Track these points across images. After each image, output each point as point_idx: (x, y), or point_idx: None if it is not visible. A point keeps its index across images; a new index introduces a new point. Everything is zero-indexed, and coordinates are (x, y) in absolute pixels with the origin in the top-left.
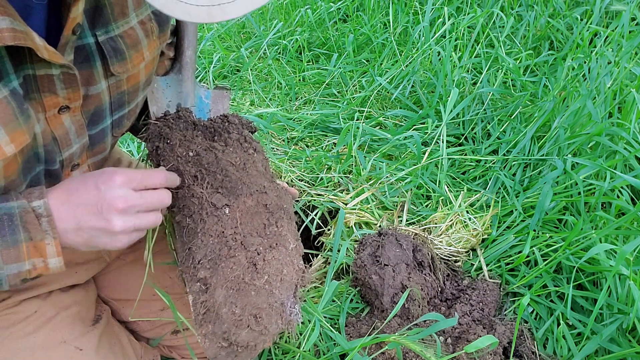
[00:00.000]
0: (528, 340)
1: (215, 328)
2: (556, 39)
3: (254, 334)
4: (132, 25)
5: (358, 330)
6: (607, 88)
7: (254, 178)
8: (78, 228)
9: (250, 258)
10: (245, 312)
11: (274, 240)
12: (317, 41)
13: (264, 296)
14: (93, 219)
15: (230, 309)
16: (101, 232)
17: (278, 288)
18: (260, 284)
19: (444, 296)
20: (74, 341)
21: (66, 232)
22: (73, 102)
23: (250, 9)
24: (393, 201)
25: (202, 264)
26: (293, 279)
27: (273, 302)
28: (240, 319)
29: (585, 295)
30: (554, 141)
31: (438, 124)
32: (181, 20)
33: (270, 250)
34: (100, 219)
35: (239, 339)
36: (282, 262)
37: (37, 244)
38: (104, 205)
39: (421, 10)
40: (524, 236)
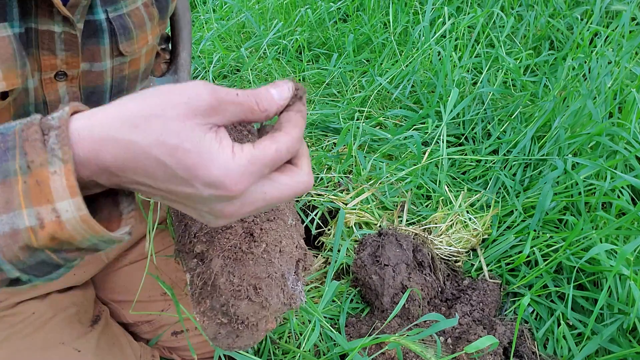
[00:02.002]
0: (528, 341)
1: (214, 302)
2: (556, 38)
3: (254, 306)
4: (138, 5)
5: (358, 331)
6: (607, 88)
7: None
8: (121, 169)
9: (246, 228)
10: (244, 282)
11: (272, 215)
12: (317, 41)
13: (263, 265)
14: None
15: (228, 279)
16: (185, 202)
17: (277, 258)
18: (258, 252)
19: (444, 296)
20: (72, 342)
21: (90, 163)
22: (71, 68)
23: None
24: (393, 201)
25: (199, 237)
26: (293, 252)
27: (273, 272)
28: (238, 289)
29: (585, 295)
30: (555, 141)
31: (438, 124)
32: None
33: (268, 222)
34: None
35: (238, 311)
36: (280, 234)
37: (38, 173)
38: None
39: (421, 10)
40: (524, 236)
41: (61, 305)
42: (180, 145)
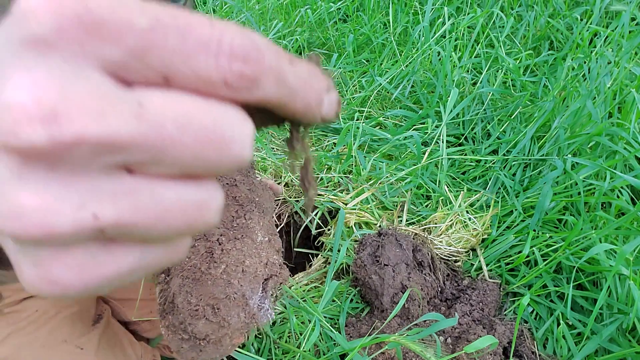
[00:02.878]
0: (528, 340)
1: (174, 319)
2: (556, 39)
3: (212, 325)
4: None
5: (358, 330)
6: (607, 88)
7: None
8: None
9: (208, 248)
10: (201, 302)
11: (240, 232)
12: (317, 41)
13: (221, 286)
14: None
15: (186, 298)
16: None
17: (238, 279)
18: (216, 273)
19: (443, 296)
20: (74, 340)
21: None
22: None
23: None
24: (393, 201)
25: None
26: (259, 271)
27: (232, 292)
28: (195, 309)
29: (585, 295)
30: (554, 141)
31: (438, 124)
32: None
33: (234, 241)
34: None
35: (195, 329)
36: (245, 253)
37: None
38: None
39: (421, 10)
40: (523, 236)
41: (64, 303)
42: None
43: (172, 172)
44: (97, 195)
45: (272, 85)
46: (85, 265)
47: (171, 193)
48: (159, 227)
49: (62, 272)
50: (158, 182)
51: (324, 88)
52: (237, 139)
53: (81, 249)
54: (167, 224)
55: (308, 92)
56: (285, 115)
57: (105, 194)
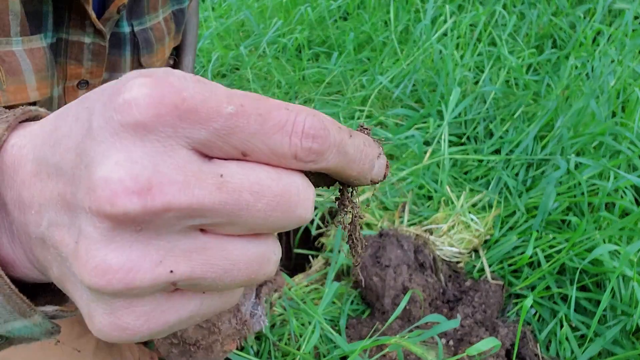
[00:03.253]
0: (531, 343)
1: None
2: (559, 37)
3: (202, 331)
4: (160, 20)
5: (359, 332)
6: (610, 87)
7: None
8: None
9: None
10: None
11: None
12: (318, 39)
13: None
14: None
15: None
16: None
17: None
18: None
19: (445, 298)
20: (72, 342)
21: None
22: (94, 77)
23: None
24: (394, 201)
25: None
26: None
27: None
28: None
29: (588, 296)
30: (557, 141)
31: (440, 123)
32: None
33: None
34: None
35: (185, 334)
36: None
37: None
38: (81, 192)
39: (422, 8)
40: (526, 237)
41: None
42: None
43: (242, 231)
44: (175, 253)
45: (335, 157)
46: (152, 313)
47: (238, 249)
48: (225, 280)
49: (131, 320)
50: (227, 240)
51: (375, 155)
52: (302, 203)
53: (149, 299)
54: (232, 277)
55: (363, 160)
56: (341, 179)
57: (181, 252)
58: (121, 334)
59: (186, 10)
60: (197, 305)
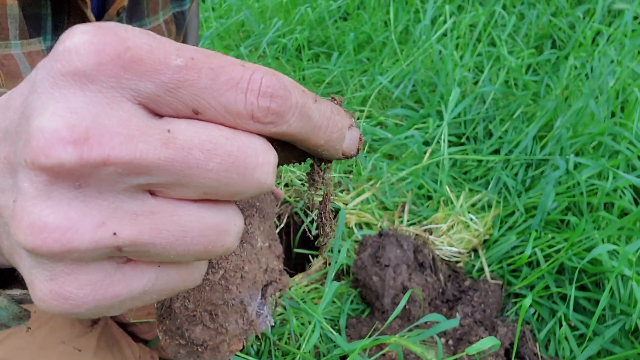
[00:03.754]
0: (530, 342)
1: (171, 324)
2: (558, 37)
3: (209, 331)
4: (160, 22)
5: (358, 332)
6: (609, 87)
7: None
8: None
9: None
10: (199, 308)
11: (240, 238)
12: (317, 40)
13: (219, 292)
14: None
15: (183, 304)
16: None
17: (237, 285)
18: (215, 279)
19: (445, 297)
20: (72, 342)
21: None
22: None
23: None
24: (394, 201)
25: None
26: (258, 277)
27: (230, 298)
28: (193, 314)
29: (587, 296)
30: (557, 141)
31: (439, 123)
32: None
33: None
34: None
35: (192, 335)
36: (244, 259)
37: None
38: (19, 147)
39: (422, 8)
40: (526, 237)
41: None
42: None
43: (194, 195)
44: (119, 214)
45: (297, 120)
46: (99, 283)
47: (191, 215)
48: (177, 248)
49: (74, 289)
50: (179, 204)
51: (346, 125)
52: (260, 166)
53: (96, 267)
54: (185, 246)
55: (330, 127)
56: (308, 150)
57: (126, 214)
58: (63, 303)
59: (187, 13)
60: (151, 278)
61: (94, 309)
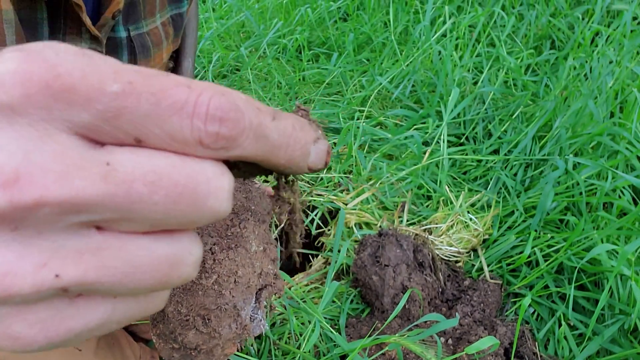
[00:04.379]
0: (529, 341)
1: (164, 328)
2: (557, 38)
3: (202, 336)
4: (157, 24)
5: (358, 331)
6: (608, 87)
7: None
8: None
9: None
10: (192, 312)
11: (234, 242)
12: (317, 40)
13: (212, 297)
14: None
15: (176, 308)
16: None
17: (230, 289)
18: (208, 283)
19: (444, 297)
20: None
21: None
22: None
23: None
24: (393, 201)
25: None
26: (252, 282)
27: (223, 303)
28: (186, 319)
29: (586, 295)
30: (556, 141)
31: (439, 123)
32: None
33: (227, 251)
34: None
35: (185, 340)
36: (238, 263)
37: None
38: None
39: (422, 9)
40: (525, 236)
41: None
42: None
43: (143, 228)
44: (61, 254)
45: (252, 143)
46: (49, 321)
47: (141, 249)
48: (127, 284)
49: (23, 329)
50: (127, 239)
51: (311, 140)
52: (213, 193)
53: (45, 305)
54: (135, 281)
55: (292, 146)
56: (270, 168)
57: (69, 252)
58: (13, 343)
59: (185, 15)
60: (107, 311)
61: (47, 345)
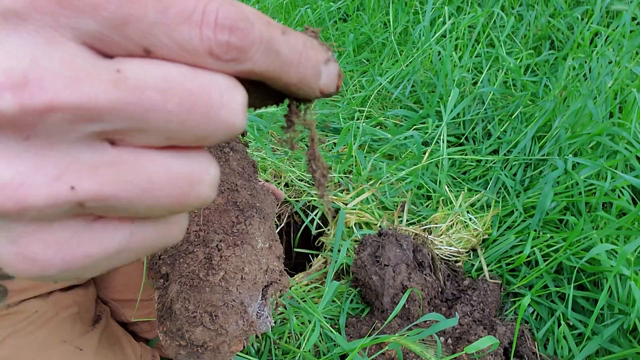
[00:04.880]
0: (529, 341)
1: (171, 325)
2: (557, 38)
3: (209, 332)
4: None
5: (358, 331)
6: (608, 88)
7: (226, 176)
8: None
9: (207, 254)
10: (199, 309)
11: (239, 238)
12: None
13: (219, 293)
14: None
15: (183, 305)
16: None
17: (237, 286)
18: (215, 280)
19: (444, 296)
20: (74, 341)
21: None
22: None
23: None
24: (393, 201)
25: (163, 260)
26: (258, 278)
27: (230, 300)
28: (193, 315)
29: (586, 295)
30: (555, 141)
31: (438, 123)
32: None
33: (233, 248)
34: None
35: (192, 337)
36: (244, 260)
37: None
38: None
39: (421, 9)
40: (524, 236)
41: (63, 304)
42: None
43: (158, 141)
44: (76, 167)
45: (263, 56)
46: (66, 243)
47: (157, 165)
48: (145, 201)
49: (40, 249)
50: (142, 154)
51: (322, 60)
52: (226, 105)
53: (62, 225)
54: (154, 198)
55: (303, 63)
56: (281, 89)
57: (85, 166)
58: (31, 266)
59: None
60: (125, 236)
61: (65, 270)
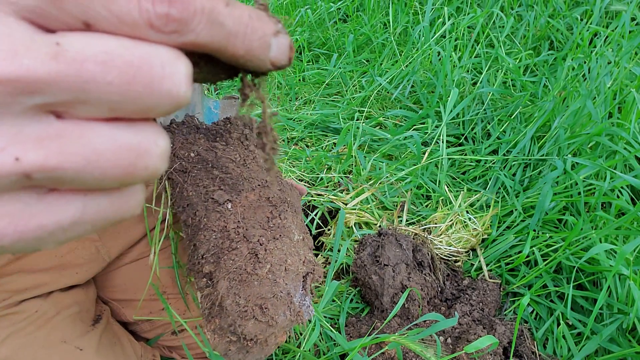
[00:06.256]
0: (528, 340)
1: (222, 322)
2: (556, 39)
3: (261, 325)
4: None
5: (358, 330)
6: (607, 88)
7: (255, 173)
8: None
9: (251, 249)
10: (250, 303)
11: (277, 232)
12: (317, 41)
13: (268, 286)
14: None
15: (234, 300)
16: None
17: (282, 277)
18: (262, 273)
19: (444, 296)
20: (74, 341)
21: None
22: None
23: None
24: (393, 201)
25: (206, 259)
26: (299, 269)
27: (278, 291)
28: (245, 310)
29: (585, 295)
30: (554, 141)
31: (438, 124)
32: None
33: (274, 241)
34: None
35: (245, 330)
36: (285, 252)
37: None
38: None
39: (421, 10)
40: (524, 236)
41: (64, 304)
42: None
43: (102, 113)
44: (20, 139)
45: (205, 28)
46: (18, 214)
47: (103, 136)
48: (92, 172)
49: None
50: (87, 125)
51: (270, 31)
52: (169, 76)
53: (13, 197)
54: (100, 169)
55: (249, 35)
56: (230, 62)
57: (29, 138)
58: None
59: None
60: (78, 208)
61: (18, 240)
